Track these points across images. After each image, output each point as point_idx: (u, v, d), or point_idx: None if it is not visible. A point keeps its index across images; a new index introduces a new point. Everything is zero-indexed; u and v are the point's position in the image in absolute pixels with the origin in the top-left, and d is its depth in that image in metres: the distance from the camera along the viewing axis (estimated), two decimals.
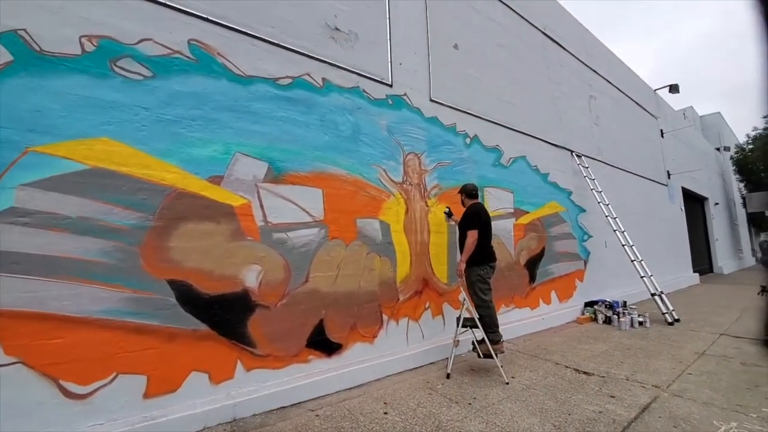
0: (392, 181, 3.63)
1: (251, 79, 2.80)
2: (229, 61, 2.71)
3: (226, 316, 2.50)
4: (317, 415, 2.51)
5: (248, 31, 2.84)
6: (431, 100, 4.17)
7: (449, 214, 3.90)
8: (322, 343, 2.97)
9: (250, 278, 2.62)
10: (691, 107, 16.22)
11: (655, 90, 10.55)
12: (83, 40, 2.19)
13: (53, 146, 2.04)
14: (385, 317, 3.42)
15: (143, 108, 2.34)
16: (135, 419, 2.14)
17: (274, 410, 2.58)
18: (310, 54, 3.18)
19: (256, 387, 2.58)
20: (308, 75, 3.14)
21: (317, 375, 2.87)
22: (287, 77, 3.01)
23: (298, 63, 3.10)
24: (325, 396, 2.84)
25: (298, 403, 2.71)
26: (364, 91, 3.53)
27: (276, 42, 2.98)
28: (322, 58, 3.25)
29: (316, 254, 2.99)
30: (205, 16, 2.64)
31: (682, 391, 2.87)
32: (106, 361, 2.10)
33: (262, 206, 2.74)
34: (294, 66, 3.06)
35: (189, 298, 2.37)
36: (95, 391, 2.07)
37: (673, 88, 10.16)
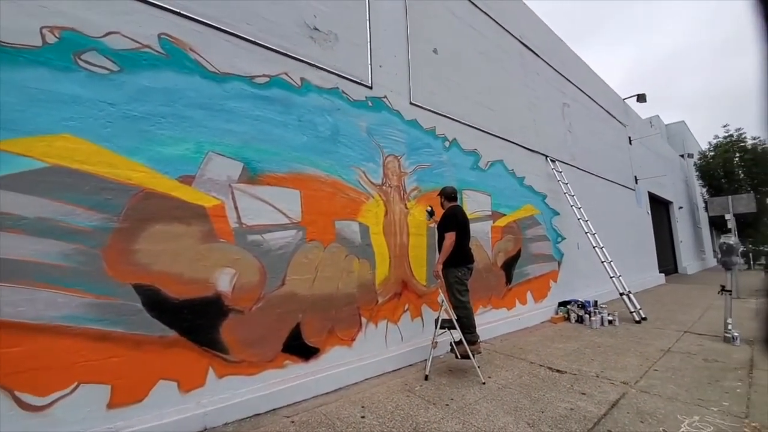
0: (371, 183, 3.65)
1: (226, 77, 2.75)
2: (203, 58, 2.65)
3: (196, 321, 2.43)
4: (292, 422, 2.48)
5: (223, 27, 2.79)
6: (411, 103, 4.22)
7: (431, 213, 3.93)
8: (299, 348, 2.94)
9: (223, 282, 2.57)
10: (657, 116, 17.18)
11: (624, 99, 11.13)
12: (45, 31, 2.09)
13: (9, 142, 1.92)
14: (363, 320, 3.42)
15: (109, 104, 2.25)
16: (98, 431, 2.04)
17: (247, 418, 2.53)
18: (289, 53, 3.15)
19: (229, 394, 2.52)
20: (286, 74, 3.12)
21: (293, 380, 2.83)
22: (264, 76, 2.97)
23: (276, 62, 3.07)
24: (302, 402, 2.81)
25: (273, 410, 2.66)
26: (343, 92, 3.53)
27: (253, 40, 2.94)
28: (300, 58, 3.23)
29: (294, 257, 2.96)
30: (176, 9, 2.58)
31: (648, 387, 3.03)
32: (66, 371, 1.99)
33: (236, 207, 2.69)
34: (271, 65, 3.03)
35: (156, 303, 2.29)
36: (54, 402, 1.96)
37: (641, 98, 10.77)
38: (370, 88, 3.80)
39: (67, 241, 2.05)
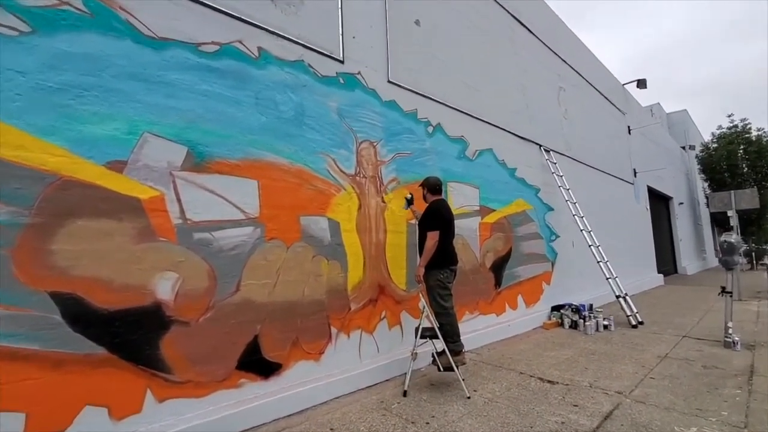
0: (343, 172, 3.61)
1: (165, 43, 2.62)
2: (136, 18, 2.51)
3: (131, 336, 2.32)
4: None
5: None
6: (389, 82, 4.20)
7: (410, 201, 3.91)
8: (258, 364, 2.88)
9: (164, 288, 2.47)
10: (658, 104, 18.00)
11: (624, 84, 11.55)
12: None
13: None
14: (333, 330, 3.39)
15: (18, 72, 2.09)
16: None
17: None
18: (243, 17, 3.04)
19: (172, 420, 2.43)
20: (240, 42, 3.01)
21: (251, 401, 2.77)
22: (213, 43, 2.86)
23: (228, 27, 2.95)
24: (261, 426, 2.76)
25: None
26: (309, 66, 3.46)
27: None
28: (258, 24, 3.13)
29: (250, 258, 2.90)
30: None
31: (644, 396, 3.16)
32: None
33: (179, 200, 2.59)
34: (222, 30, 2.92)
35: (80, 314, 2.17)
36: None
37: (641, 83, 11.21)
38: (342, 62, 3.74)
39: None
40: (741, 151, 17.95)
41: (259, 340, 2.91)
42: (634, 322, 5.86)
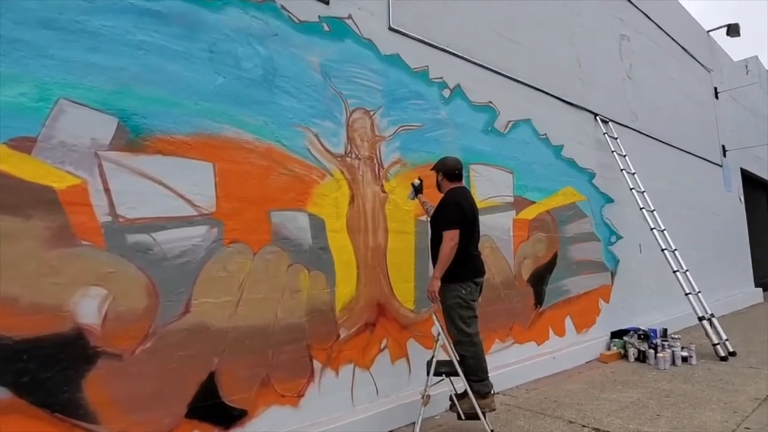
0: (328, 152, 3.60)
1: None
2: None
3: (43, 373, 2.32)
4: None
5: None
6: (391, 29, 4.17)
7: (418, 189, 3.87)
8: (215, 410, 2.88)
9: (88, 310, 2.46)
10: (756, 58, 17.83)
11: (709, 32, 11.47)
12: None
13: None
14: (317, 365, 3.39)
15: None
16: None
17: None
18: None
19: None
20: None
21: None
22: None
23: None
24: None
25: None
26: (283, 7, 3.44)
27: None
28: None
29: (204, 268, 2.90)
30: None
31: None
32: None
33: (107, 190, 2.58)
34: None
35: None
36: None
37: (733, 30, 11.12)
38: (326, 2, 3.72)
39: None
40: None
41: (217, 378, 2.89)
42: (723, 353, 5.83)
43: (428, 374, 3.40)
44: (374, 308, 3.78)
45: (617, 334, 6.14)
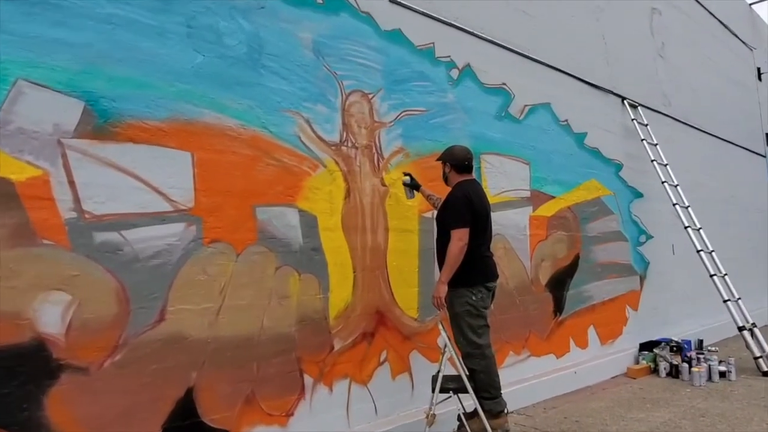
0: (322, 140, 3.59)
1: None
2: None
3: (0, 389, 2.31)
4: None
5: None
6: (392, 1, 4.16)
7: (411, 186, 3.88)
8: (193, 431, 2.88)
9: (50, 317, 2.45)
10: None
11: (751, 5, 11.40)
12: None
13: None
14: (308, 380, 3.38)
15: None
16: None
17: None
18: None
19: None
20: None
21: None
22: None
23: None
24: None
25: None
26: None
27: None
28: None
29: (181, 271, 2.89)
30: None
31: None
32: None
33: (72, 182, 2.56)
34: None
35: None
36: None
37: None
38: None
39: None
40: None
41: (196, 395, 2.89)
42: (765, 368, 5.80)
43: (433, 391, 3.39)
44: (373, 316, 3.77)
45: (647, 346, 6.14)
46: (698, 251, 6.59)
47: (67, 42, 2.60)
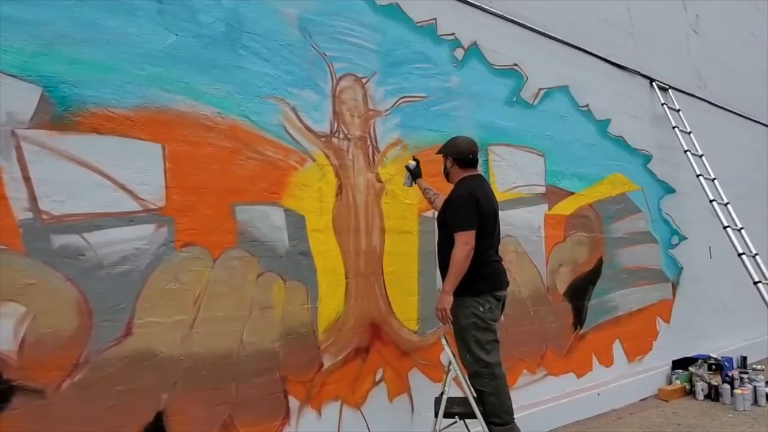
0: (310, 130, 3.61)
1: None
2: None
3: None
4: None
5: None
6: None
7: (414, 173, 3.87)
8: None
9: (0, 332, 2.46)
10: None
11: None
12: None
13: None
14: (294, 402, 3.40)
15: None
16: None
17: None
18: None
19: None
20: None
21: None
22: None
23: None
24: None
25: None
26: None
27: None
28: None
29: (150, 278, 2.91)
30: None
31: None
32: None
33: (27, 178, 2.58)
34: None
35: None
36: None
37: None
38: None
39: None
40: None
41: (166, 419, 2.90)
42: None
43: (437, 415, 3.41)
44: (367, 329, 3.79)
45: (681, 364, 6.14)
46: (740, 254, 6.56)
47: (22, 19, 2.59)
